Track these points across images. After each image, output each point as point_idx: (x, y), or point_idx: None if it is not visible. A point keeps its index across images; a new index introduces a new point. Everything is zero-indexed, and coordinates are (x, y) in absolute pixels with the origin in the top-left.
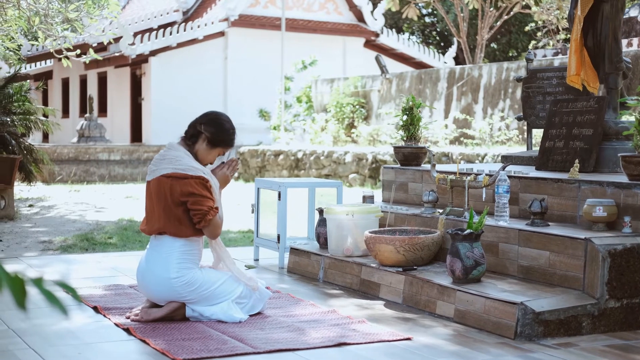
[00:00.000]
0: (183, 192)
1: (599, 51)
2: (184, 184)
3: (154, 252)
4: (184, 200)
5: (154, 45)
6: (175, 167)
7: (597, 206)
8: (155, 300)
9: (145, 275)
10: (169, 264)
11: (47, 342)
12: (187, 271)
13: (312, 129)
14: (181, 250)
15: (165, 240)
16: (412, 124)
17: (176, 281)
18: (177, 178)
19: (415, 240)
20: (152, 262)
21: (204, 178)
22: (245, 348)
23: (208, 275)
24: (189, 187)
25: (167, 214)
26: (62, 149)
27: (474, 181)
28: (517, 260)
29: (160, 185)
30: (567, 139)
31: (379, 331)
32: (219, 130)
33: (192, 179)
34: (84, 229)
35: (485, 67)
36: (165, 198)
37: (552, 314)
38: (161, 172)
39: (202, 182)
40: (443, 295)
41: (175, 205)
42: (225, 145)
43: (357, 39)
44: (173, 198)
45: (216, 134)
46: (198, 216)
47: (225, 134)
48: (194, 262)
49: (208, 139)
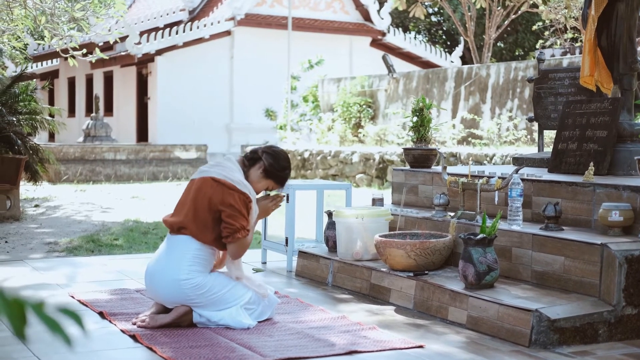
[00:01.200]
0: (224, 201)
1: (613, 51)
2: (229, 193)
3: (167, 251)
4: (220, 210)
5: (160, 44)
6: (226, 176)
7: (613, 210)
8: (162, 301)
9: (155, 275)
10: (180, 265)
11: (51, 349)
12: (197, 274)
13: (318, 128)
14: (195, 253)
15: (181, 240)
16: (422, 126)
17: (185, 283)
18: (224, 185)
19: (426, 245)
20: (164, 261)
21: (249, 197)
22: (254, 356)
23: (218, 280)
24: (231, 198)
25: (196, 213)
26: (68, 149)
27: (487, 184)
28: (531, 266)
29: (205, 185)
30: (580, 141)
31: (390, 338)
32: (277, 164)
33: (237, 192)
34: (89, 230)
35: (493, 67)
36: (202, 198)
37: (568, 321)
38: (211, 174)
39: (245, 199)
40: (455, 301)
41: (209, 209)
42: (277, 181)
43: (364, 38)
44: (211, 202)
45: (273, 166)
46: (228, 230)
47: (282, 170)
48: (205, 266)
49: (264, 168)
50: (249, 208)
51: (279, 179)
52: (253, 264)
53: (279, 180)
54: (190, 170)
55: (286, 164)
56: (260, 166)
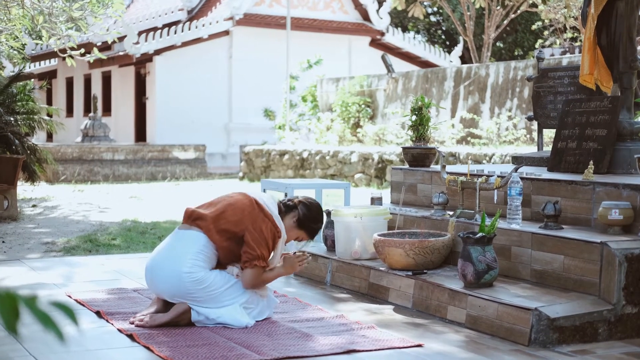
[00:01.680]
0: (255, 224)
1: (613, 50)
2: (263, 220)
3: (172, 244)
4: (247, 231)
5: (158, 44)
6: (268, 206)
7: (613, 209)
8: (161, 293)
9: (156, 266)
10: (184, 257)
11: (48, 348)
12: (199, 269)
13: (317, 128)
14: (201, 249)
15: (189, 235)
16: (421, 124)
17: (187, 276)
18: (262, 211)
19: (425, 244)
20: (167, 253)
21: (280, 232)
22: (252, 355)
23: (219, 277)
24: (263, 225)
25: (221, 215)
26: (66, 149)
27: (486, 183)
28: (530, 265)
29: (244, 201)
30: (580, 140)
31: (389, 337)
32: (311, 216)
33: (271, 223)
34: (87, 229)
35: (493, 66)
36: (236, 209)
37: (568, 320)
38: (254, 196)
39: (275, 232)
40: (454, 300)
41: (235, 222)
42: (308, 232)
43: (363, 38)
44: (242, 218)
45: (307, 217)
46: (248, 255)
47: (315, 222)
48: (207, 263)
49: (298, 217)
50: (275, 241)
51: (311, 230)
52: None
53: (310, 232)
54: (188, 170)
55: (320, 217)
56: (294, 215)
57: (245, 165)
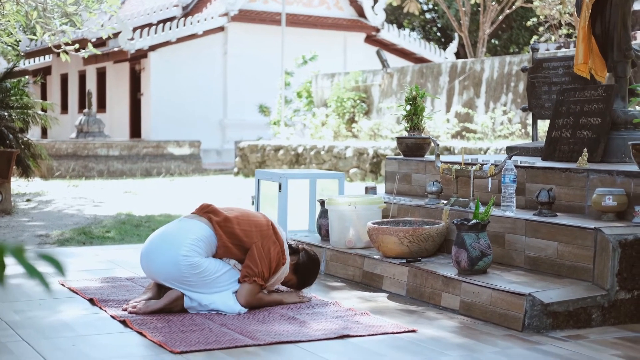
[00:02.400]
0: (264, 244)
1: (607, 39)
2: (273, 242)
3: (173, 229)
4: (254, 246)
5: (153, 40)
6: (281, 232)
7: (607, 195)
8: (155, 275)
9: (154, 247)
10: (183, 241)
11: (41, 334)
12: (196, 254)
13: (312, 124)
14: (202, 237)
15: (196, 223)
16: (416, 114)
17: (183, 259)
18: (275, 234)
19: (419, 231)
20: (168, 235)
21: (285, 258)
22: (245, 340)
23: (213, 263)
24: (272, 247)
25: (234, 220)
26: (61, 144)
27: (480, 171)
28: (524, 251)
29: (263, 219)
30: (574, 129)
31: (382, 323)
32: (309, 266)
33: (280, 248)
34: (81, 223)
35: (488, 61)
36: (252, 221)
37: (561, 305)
38: (273, 221)
39: (281, 258)
40: (448, 287)
41: (246, 233)
42: (299, 281)
43: (358, 34)
44: (254, 231)
45: (305, 266)
46: (248, 270)
47: (310, 273)
48: (205, 250)
49: (297, 262)
50: (279, 266)
51: (303, 279)
52: None
53: (301, 281)
54: (183, 166)
55: (315, 271)
56: (294, 259)
57: (240, 160)
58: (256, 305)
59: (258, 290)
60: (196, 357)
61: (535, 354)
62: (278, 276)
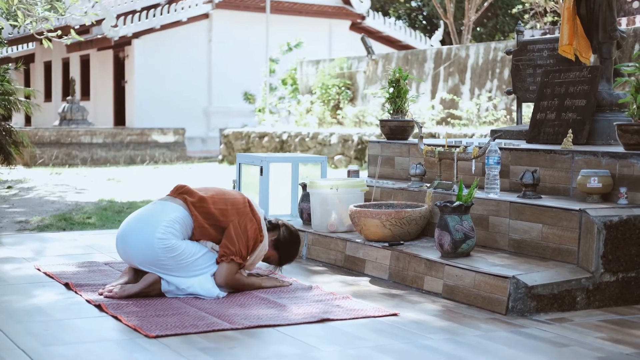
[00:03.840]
0: (241, 221)
1: (592, 20)
2: (250, 219)
3: (150, 209)
4: (231, 225)
5: (137, 27)
6: (258, 210)
7: (592, 177)
8: (131, 259)
9: (130, 229)
10: (158, 224)
11: (13, 318)
12: (172, 236)
13: (297, 111)
14: (177, 219)
15: (171, 205)
16: (399, 97)
17: (159, 242)
18: (252, 211)
19: (402, 214)
20: (143, 217)
21: (263, 236)
22: (223, 324)
23: (190, 246)
24: (249, 224)
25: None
26: (44, 132)
27: (464, 153)
28: (508, 234)
29: (240, 197)
30: (559, 111)
31: (363, 307)
32: (290, 241)
33: (257, 225)
34: (62, 209)
35: (473, 47)
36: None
37: (545, 288)
38: (249, 199)
39: (259, 235)
40: (431, 270)
41: (222, 212)
42: (281, 256)
43: (343, 22)
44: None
45: (286, 241)
46: (226, 249)
47: (291, 248)
48: (181, 232)
49: (277, 238)
50: (257, 243)
51: (284, 255)
52: None
53: (282, 256)
54: (168, 153)
55: (297, 246)
56: (274, 234)
57: (225, 148)
58: (235, 286)
59: (236, 270)
60: (172, 342)
61: (519, 337)
62: (257, 254)
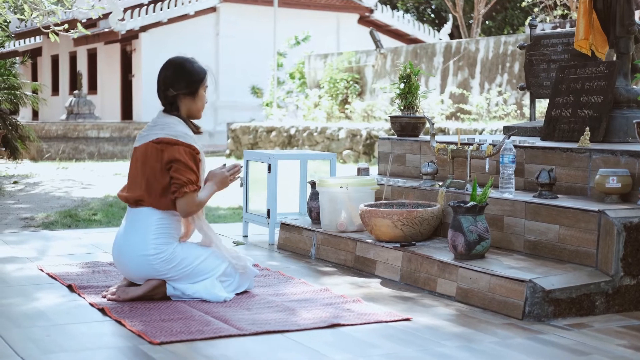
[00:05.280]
0: (170, 157)
1: (609, 14)
2: (173, 149)
3: (130, 226)
4: (168, 167)
5: (144, 20)
6: (166, 133)
7: (611, 176)
8: (132, 278)
9: (122, 252)
10: (146, 239)
11: (13, 323)
12: (165, 247)
13: (305, 105)
14: (159, 223)
15: (142, 213)
16: (410, 93)
17: (154, 258)
18: (166, 144)
19: (413, 214)
20: (129, 237)
21: (195, 148)
22: (230, 330)
23: (189, 251)
24: (176, 152)
25: (149, 183)
26: (50, 126)
27: (477, 151)
28: (523, 235)
29: (148, 152)
30: (574, 107)
31: (375, 311)
32: (189, 75)
33: (181, 146)
34: (68, 205)
35: (483, 41)
36: (151, 165)
37: (564, 292)
38: (150, 138)
39: (191, 151)
40: (444, 272)
41: (160, 174)
42: (203, 80)
43: (351, 15)
44: (161, 165)
45: (191, 82)
46: (175, 185)
47: (197, 73)
48: (172, 236)
49: (187, 93)
50: (197, 160)
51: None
52: (234, 237)
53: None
54: None
55: (189, 65)
56: (183, 96)
57: (232, 142)
58: (199, 210)
59: (194, 197)
60: (177, 348)
61: (536, 344)
62: (204, 169)
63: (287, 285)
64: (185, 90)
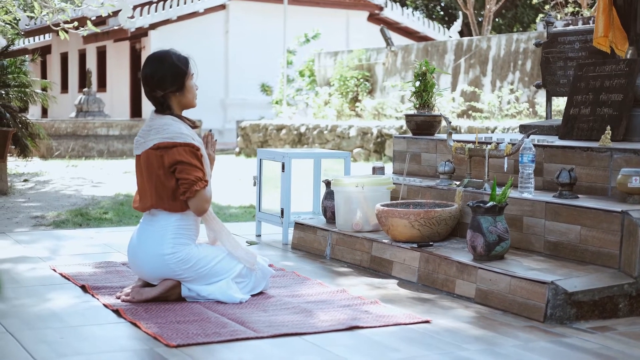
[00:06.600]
0: (170, 161)
1: (630, 10)
2: (172, 152)
3: (147, 227)
4: (172, 170)
5: (153, 18)
6: (162, 137)
7: (634, 176)
8: (147, 278)
9: (137, 251)
10: (163, 239)
11: (26, 325)
12: (182, 247)
13: (315, 103)
14: (177, 224)
15: (159, 215)
16: (425, 91)
17: (170, 257)
18: (165, 148)
19: (431, 214)
20: (145, 237)
21: (194, 145)
22: (247, 332)
23: (205, 252)
24: (176, 155)
25: (158, 190)
26: (60, 124)
27: (496, 150)
28: (543, 236)
29: (149, 160)
30: (594, 106)
31: (394, 313)
32: (171, 72)
33: (180, 146)
34: (78, 204)
35: (494, 39)
36: (156, 173)
37: (586, 294)
38: (149, 145)
39: (191, 149)
40: (463, 273)
41: (167, 178)
42: (186, 72)
43: (361, 13)
44: (165, 170)
45: (175, 78)
46: (184, 186)
47: (178, 67)
48: (190, 237)
49: (175, 90)
50: (198, 156)
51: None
52: (247, 237)
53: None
54: None
55: (171, 59)
56: (172, 94)
57: (242, 140)
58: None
59: (203, 194)
60: (194, 351)
61: (560, 348)
62: (207, 162)
63: (303, 286)
64: (171, 87)
